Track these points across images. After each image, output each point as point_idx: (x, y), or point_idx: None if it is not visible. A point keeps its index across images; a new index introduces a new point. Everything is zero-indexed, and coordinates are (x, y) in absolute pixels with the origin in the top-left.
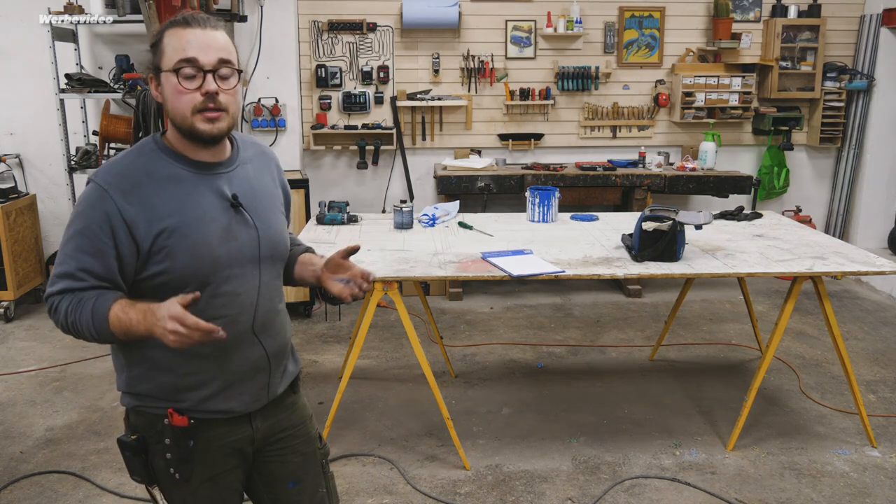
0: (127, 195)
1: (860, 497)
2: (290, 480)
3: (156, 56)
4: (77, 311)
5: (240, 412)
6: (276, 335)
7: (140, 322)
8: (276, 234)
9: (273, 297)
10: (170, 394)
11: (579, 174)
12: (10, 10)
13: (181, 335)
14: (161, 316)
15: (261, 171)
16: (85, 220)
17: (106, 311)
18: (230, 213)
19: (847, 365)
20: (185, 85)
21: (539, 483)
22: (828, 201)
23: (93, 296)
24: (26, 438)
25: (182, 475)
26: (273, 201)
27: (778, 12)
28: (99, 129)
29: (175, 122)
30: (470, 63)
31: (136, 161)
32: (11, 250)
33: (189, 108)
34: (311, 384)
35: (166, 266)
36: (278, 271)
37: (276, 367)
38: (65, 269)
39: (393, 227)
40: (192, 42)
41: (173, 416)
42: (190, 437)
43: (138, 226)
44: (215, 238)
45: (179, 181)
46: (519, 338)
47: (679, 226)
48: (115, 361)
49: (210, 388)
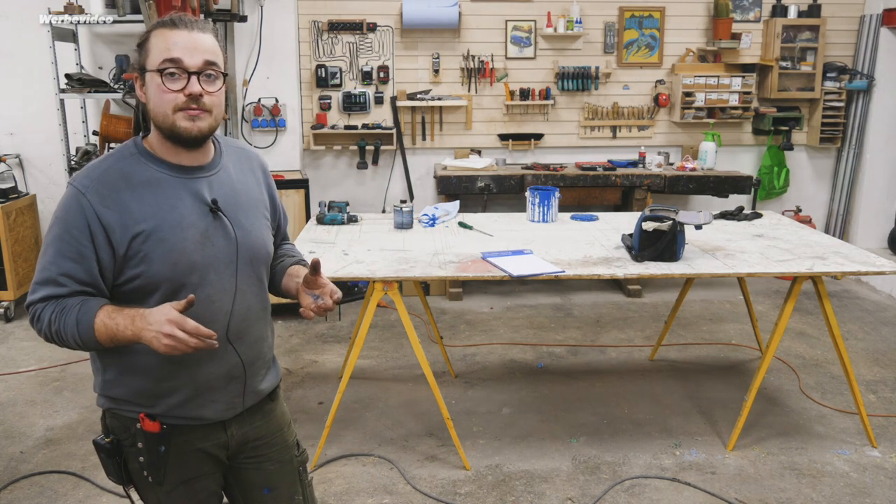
0: (104, 199)
1: (860, 497)
2: (265, 487)
3: (141, 56)
4: (61, 319)
5: (213, 420)
6: (253, 343)
7: (127, 327)
8: (257, 239)
9: (251, 305)
10: (142, 399)
11: (579, 174)
12: (10, 10)
13: (177, 340)
14: (154, 321)
15: (244, 175)
16: (64, 224)
17: (91, 318)
18: (209, 218)
19: (847, 365)
20: (169, 85)
21: (539, 483)
22: (828, 201)
23: (76, 303)
24: (26, 438)
25: (155, 478)
26: (256, 206)
27: (778, 12)
28: (99, 129)
29: (156, 122)
30: (470, 63)
31: (115, 165)
32: (11, 250)
33: (171, 107)
34: (311, 384)
35: (141, 270)
36: (259, 277)
37: (252, 375)
38: (46, 276)
39: (393, 227)
40: (177, 43)
41: (144, 421)
42: (161, 442)
43: (114, 230)
44: (192, 243)
45: (158, 185)
46: (519, 338)
47: (679, 226)
48: (92, 364)
49: (182, 394)
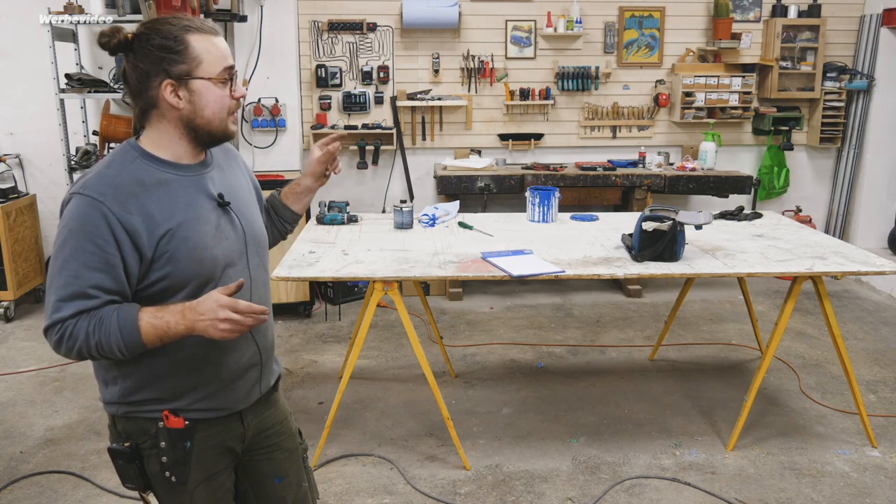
0: (124, 205)
1: (860, 497)
2: (277, 477)
3: (182, 62)
4: (100, 330)
5: (233, 409)
6: (266, 330)
7: (179, 323)
8: (259, 228)
9: (263, 292)
10: (166, 397)
11: (579, 174)
12: (10, 10)
13: (234, 322)
14: (205, 310)
15: (232, 169)
16: (84, 236)
17: (134, 322)
18: (218, 212)
19: (847, 365)
20: (227, 91)
21: (539, 483)
22: (828, 201)
23: (111, 311)
24: (26, 438)
25: (178, 478)
26: (249, 196)
27: (778, 12)
28: (99, 129)
29: (203, 127)
30: (470, 63)
31: (125, 170)
32: (11, 250)
33: (226, 112)
34: (311, 384)
35: (168, 270)
36: (264, 264)
37: (266, 362)
38: (73, 290)
39: (393, 227)
40: (225, 50)
41: (169, 418)
42: (186, 438)
43: (140, 235)
44: (210, 238)
45: (169, 185)
46: (519, 338)
47: (679, 226)
48: (102, 374)
49: (206, 387)
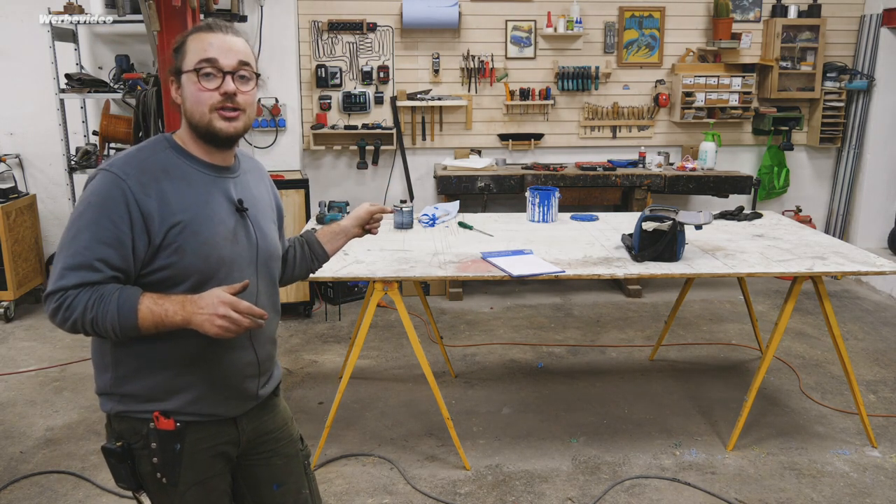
0: (144, 187)
1: (860, 497)
2: (275, 483)
3: (178, 59)
4: (99, 306)
5: (224, 416)
6: (267, 342)
7: (177, 312)
8: (272, 243)
9: (266, 305)
10: (157, 395)
11: (579, 174)
12: (10, 10)
13: (231, 320)
14: (205, 304)
15: (258, 183)
16: (102, 209)
17: (134, 304)
18: (236, 216)
19: (847, 365)
20: (205, 84)
21: (539, 483)
22: (828, 201)
23: (114, 290)
24: (26, 438)
25: (169, 479)
26: (268, 213)
27: (778, 12)
28: (99, 129)
29: (193, 122)
30: (470, 63)
31: (153, 156)
32: (11, 250)
33: (207, 106)
34: (311, 384)
35: (173, 260)
36: (273, 278)
37: (263, 373)
38: (80, 260)
39: (393, 227)
40: (213, 44)
41: (159, 419)
42: (176, 440)
43: (153, 219)
44: (222, 239)
45: (193, 181)
46: (519, 338)
47: (679, 226)
48: (98, 360)
49: (197, 390)
